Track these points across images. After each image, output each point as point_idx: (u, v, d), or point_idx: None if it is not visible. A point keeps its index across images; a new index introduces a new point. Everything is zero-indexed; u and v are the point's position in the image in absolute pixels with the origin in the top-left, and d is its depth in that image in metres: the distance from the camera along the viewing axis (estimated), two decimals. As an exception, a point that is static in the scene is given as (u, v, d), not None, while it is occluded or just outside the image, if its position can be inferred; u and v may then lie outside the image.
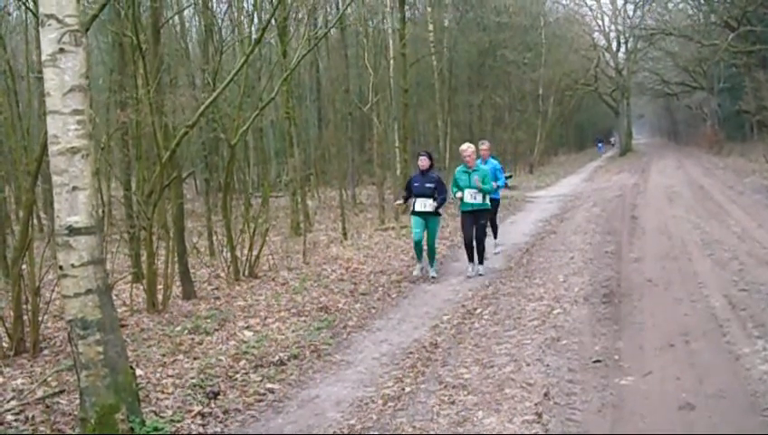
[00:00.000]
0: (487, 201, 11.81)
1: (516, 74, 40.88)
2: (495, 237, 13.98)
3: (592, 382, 6.23)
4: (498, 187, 13.44)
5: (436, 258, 12.24)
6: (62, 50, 5.06)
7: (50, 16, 5.05)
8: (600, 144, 61.01)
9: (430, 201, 11.54)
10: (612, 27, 56.63)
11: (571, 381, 6.30)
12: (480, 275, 11.65)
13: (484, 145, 13.76)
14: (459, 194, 11.62)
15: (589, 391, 6.03)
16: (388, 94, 23.16)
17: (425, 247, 11.88)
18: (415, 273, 11.82)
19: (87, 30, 5.23)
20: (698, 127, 58.04)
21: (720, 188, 22.34)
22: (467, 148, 11.75)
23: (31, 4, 8.61)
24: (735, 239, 12.63)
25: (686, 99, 57.85)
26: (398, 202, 13.43)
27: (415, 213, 11.74)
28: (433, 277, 11.68)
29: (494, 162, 13.78)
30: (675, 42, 48.96)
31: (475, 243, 11.74)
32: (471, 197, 11.49)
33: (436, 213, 11.76)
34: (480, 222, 11.71)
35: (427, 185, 11.67)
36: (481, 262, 11.89)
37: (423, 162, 11.89)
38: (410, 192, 11.90)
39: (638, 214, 17.62)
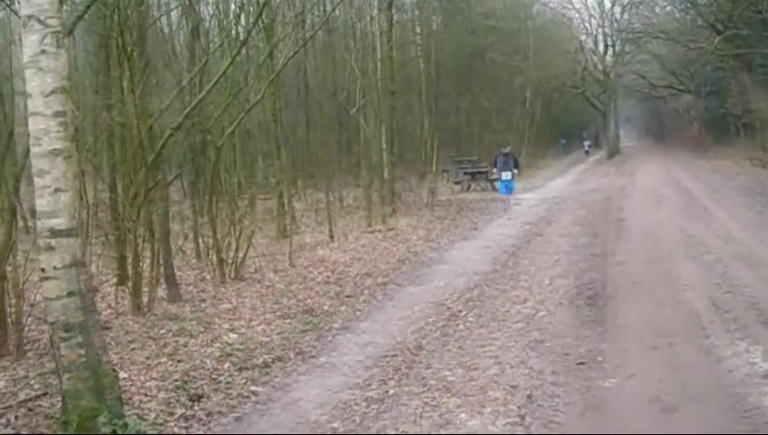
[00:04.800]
0: None
1: (504, 78, 40.86)
2: None
3: (575, 385, 6.25)
4: None
5: None
6: (43, 51, 5.05)
7: (31, 17, 5.05)
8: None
9: None
10: (599, 30, 56.82)
11: (554, 383, 6.32)
12: None
13: None
14: None
15: (572, 393, 6.06)
16: (376, 97, 23.14)
17: None
18: None
19: (71, 32, 5.23)
20: (685, 130, 58.16)
21: (706, 192, 22.38)
22: None
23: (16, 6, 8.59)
24: (720, 242, 12.69)
25: (673, 102, 58.08)
26: None
27: None
28: None
29: None
30: (662, 44, 49.09)
31: None
32: None
33: None
34: None
35: None
36: None
37: None
38: None
39: (625, 216, 17.67)
